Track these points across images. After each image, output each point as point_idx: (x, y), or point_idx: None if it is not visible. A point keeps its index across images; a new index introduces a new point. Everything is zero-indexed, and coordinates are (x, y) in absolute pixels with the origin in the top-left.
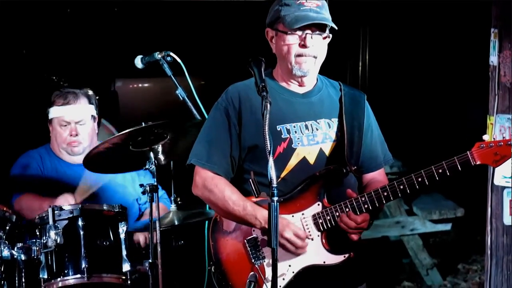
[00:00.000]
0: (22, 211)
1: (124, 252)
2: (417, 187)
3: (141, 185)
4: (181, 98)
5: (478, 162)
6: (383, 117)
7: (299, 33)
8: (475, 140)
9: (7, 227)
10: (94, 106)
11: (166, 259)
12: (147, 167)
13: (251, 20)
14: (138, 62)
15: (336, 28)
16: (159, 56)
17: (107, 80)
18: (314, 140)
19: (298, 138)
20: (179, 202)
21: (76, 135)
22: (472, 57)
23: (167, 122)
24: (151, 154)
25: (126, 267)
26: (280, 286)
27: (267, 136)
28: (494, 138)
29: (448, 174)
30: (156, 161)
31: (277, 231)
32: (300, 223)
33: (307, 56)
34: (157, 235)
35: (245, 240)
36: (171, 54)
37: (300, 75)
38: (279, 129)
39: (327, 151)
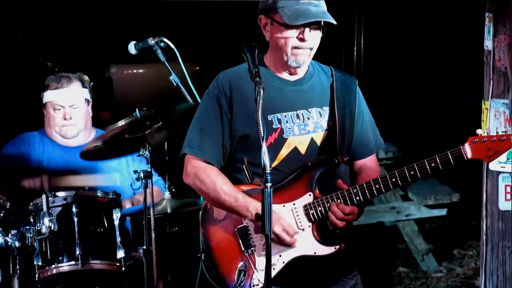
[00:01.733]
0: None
1: (118, 239)
2: (409, 180)
3: (135, 172)
4: (175, 84)
5: (470, 157)
6: (378, 102)
7: (298, 27)
8: (469, 126)
9: (1, 214)
10: (87, 90)
11: (160, 246)
12: (141, 153)
13: (244, 5)
14: (132, 48)
15: (335, 23)
16: (153, 42)
17: (102, 66)
18: (305, 129)
19: (289, 128)
20: (173, 190)
21: (70, 118)
22: (467, 42)
23: (160, 111)
24: (146, 140)
25: (120, 253)
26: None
27: (260, 122)
28: (487, 131)
29: (440, 168)
30: (150, 148)
31: (271, 218)
32: (291, 213)
33: (304, 48)
34: (152, 222)
35: (236, 229)
36: (165, 40)
37: (295, 66)
38: (270, 119)
39: (318, 140)
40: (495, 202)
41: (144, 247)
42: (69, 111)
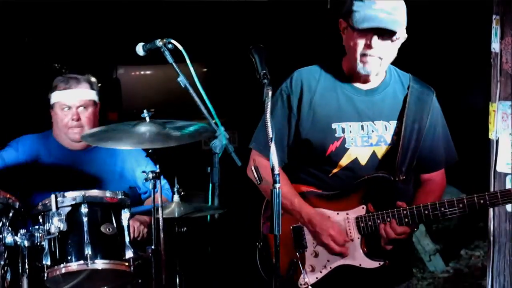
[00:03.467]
0: None
1: (127, 239)
2: (457, 213)
3: (144, 172)
4: (183, 86)
5: None
6: None
7: (366, 33)
8: (475, 127)
9: (10, 214)
10: (95, 92)
11: (168, 246)
12: (149, 153)
13: (252, 6)
14: (140, 49)
15: (405, 37)
16: (161, 43)
17: (109, 67)
18: (368, 142)
19: (352, 138)
20: (182, 193)
21: (78, 119)
22: (474, 44)
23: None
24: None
25: (129, 253)
26: (317, 278)
27: (269, 123)
28: (495, 135)
29: (489, 206)
30: (158, 150)
31: (280, 218)
32: (343, 222)
33: (372, 56)
34: (160, 222)
35: (291, 227)
36: (172, 41)
37: (364, 73)
38: (334, 127)
39: (380, 154)
40: None
41: (153, 247)
42: (77, 112)
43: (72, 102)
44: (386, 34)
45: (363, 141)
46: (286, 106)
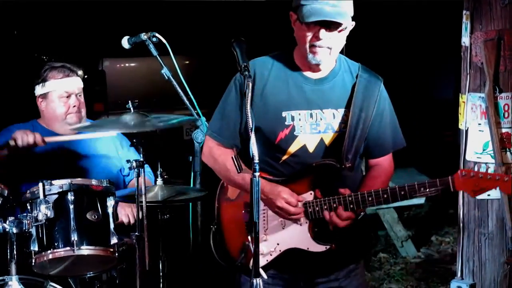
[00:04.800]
0: None
1: (111, 226)
2: (399, 199)
3: (128, 161)
4: (166, 77)
5: (456, 189)
6: None
7: (314, 25)
8: (445, 117)
9: None
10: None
11: (152, 232)
12: (133, 143)
13: (233, 2)
14: (125, 42)
15: (351, 26)
16: (145, 37)
17: (95, 59)
18: (316, 129)
19: (301, 126)
20: (165, 177)
21: (77, 106)
22: (445, 38)
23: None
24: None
25: (113, 240)
26: (267, 261)
27: (249, 114)
28: (465, 125)
29: (428, 193)
30: (142, 140)
31: (259, 206)
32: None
33: (321, 47)
34: (144, 209)
35: (243, 211)
36: (157, 35)
37: (314, 63)
38: (284, 116)
39: (327, 141)
40: None
41: (137, 234)
42: (77, 98)
43: (72, 90)
44: (333, 25)
45: (312, 128)
46: (239, 94)
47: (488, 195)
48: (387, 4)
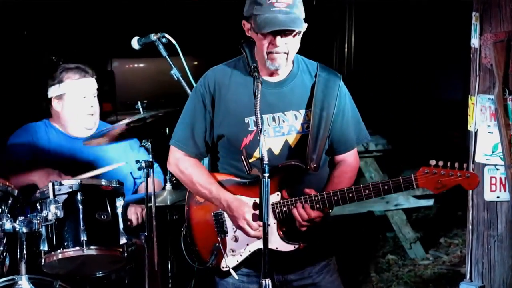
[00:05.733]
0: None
1: (121, 226)
2: (364, 198)
3: (137, 161)
4: (176, 78)
5: (419, 187)
6: (368, 96)
7: (269, 35)
8: (456, 119)
9: (9, 201)
10: None
11: (161, 233)
12: (143, 144)
13: (242, 3)
14: (135, 43)
15: (305, 29)
16: (155, 37)
17: (104, 60)
18: (280, 132)
19: (265, 130)
20: (174, 182)
21: (93, 107)
22: (454, 39)
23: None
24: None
25: (123, 240)
26: (237, 261)
27: (259, 114)
28: (474, 127)
29: (392, 191)
30: (151, 139)
31: (268, 206)
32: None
33: (278, 53)
34: (153, 210)
35: (212, 214)
36: (166, 35)
37: (273, 69)
38: (247, 121)
39: (291, 142)
40: (480, 193)
41: (146, 234)
42: (94, 100)
43: (90, 91)
44: (288, 32)
45: (275, 131)
46: (201, 104)
47: (498, 197)
48: (398, 4)
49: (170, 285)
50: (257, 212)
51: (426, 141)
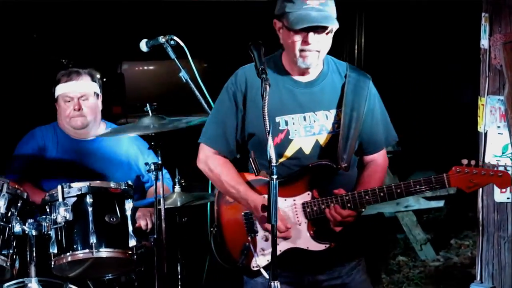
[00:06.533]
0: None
1: (130, 228)
2: (395, 197)
3: (146, 164)
4: (184, 80)
5: (452, 186)
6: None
7: (302, 32)
8: (465, 120)
9: (19, 204)
10: (97, 84)
11: (170, 235)
12: (151, 146)
13: (250, 4)
14: (143, 45)
15: (337, 27)
16: (163, 40)
17: (114, 62)
18: (310, 131)
19: (296, 130)
20: (183, 184)
21: (79, 109)
22: (464, 40)
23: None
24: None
25: (132, 242)
26: (268, 261)
27: (266, 117)
28: (484, 128)
29: (424, 191)
30: (160, 142)
31: (277, 208)
32: (291, 208)
33: (310, 51)
34: (162, 213)
35: (243, 213)
36: (175, 38)
37: (304, 67)
38: (278, 121)
39: (322, 142)
40: (490, 194)
41: (155, 236)
42: (78, 102)
43: (74, 94)
44: (320, 29)
45: (306, 131)
46: (232, 102)
47: (508, 198)
48: (407, 7)
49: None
50: (265, 214)
51: (436, 142)
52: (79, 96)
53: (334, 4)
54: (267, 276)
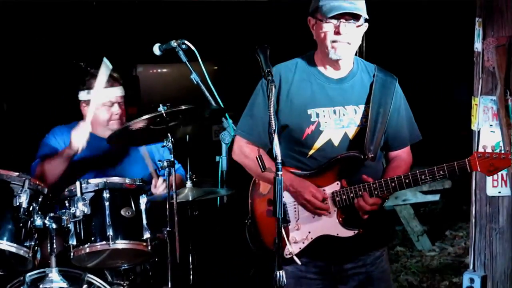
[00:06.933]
0: (44, 174)
1: (144, 221)
2: (420, 183)
3: (160, 161)
4: (195, 82)
5: (473, 170)
6: None
7: (334, 21)
8: (460, 119)
9: (40, 199)
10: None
11: (182, 228)
12: (164, 144)
13: (259, 7)
14: (156, 49)
15: (367, 17)
16: (175, 44)
17: (129, 65)
18: (340, 124)
19: (326, 122)
20: (194, 180)
21: (119, 113)
22: (459, 43)
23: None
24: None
25: (146, 234)
26: (300, 248)
27: (272, 116)
28: (477, 126)
29: (447, 176)
30: (172, 139)
31: (282, 203)
32: None
33: (341, 42)
34: (175, 207)
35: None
36: (186, 42)
37: (336, 58)
38: (309, 113)
39: (350, 134)
40: (483, 188)
41: (168, 229)
42: (119, 107)
43: (116, 99)
44: (351, 20)
45: (336, 124)
46: (266, 96)
47: (499, 192)
48: (407, 9)
49: (191, 277)
50: (271, 208)
51: (433, 140)
52: (120, 102)
53: (365, 4)
54: (299, 263)
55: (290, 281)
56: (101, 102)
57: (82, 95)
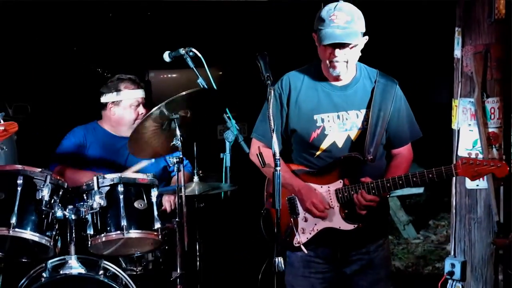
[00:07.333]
0: (66, 179)
1: (155, 213)
2: (412, 184)
3: (170, 158)
4: (202, 86)
5: (459, 175)
6: None
7: (329, 46)
8: (443, 119)
9: (60, 193)
10: None
11: (189, 219)
12: (173, 142)
13: (264, 15)
14: (166, 56)
15: (363, 41)
16: (183, 51)
17: (142, 71)
18: (343, 128)
19: (330, 126)
20: (201, 175)
21: (143, 113)
22: (441, 51)
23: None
24: (177, 132)
25: (157, 225)
26: (307, 238)
27: (272, 117)
28: (457, 125)
29: (435, 179)
30: (181, 138)
31: (280, 195)
32: (326, 193)
33: (338, 62)
34: (183, 199)
35: (287, 198)
36: (193, 49)
37: (335, 75)
38: (315, 118)
39: (353, 137)
40: (463, 182)
41: (177, 220)
42: (143, 107)
43: (142, 100)
44: (345, 44)
45: (339, 127)
46: (278, 102)
47: (477, 185)
48: (393, 13)
49: (198, 263)
50: (308, 197)
51: (417, 140)
52: (144, 102)
53: (363, 20)
54: (306, 252)
55: (299, 264)
56: (129, 104)
57: (110, 97)
